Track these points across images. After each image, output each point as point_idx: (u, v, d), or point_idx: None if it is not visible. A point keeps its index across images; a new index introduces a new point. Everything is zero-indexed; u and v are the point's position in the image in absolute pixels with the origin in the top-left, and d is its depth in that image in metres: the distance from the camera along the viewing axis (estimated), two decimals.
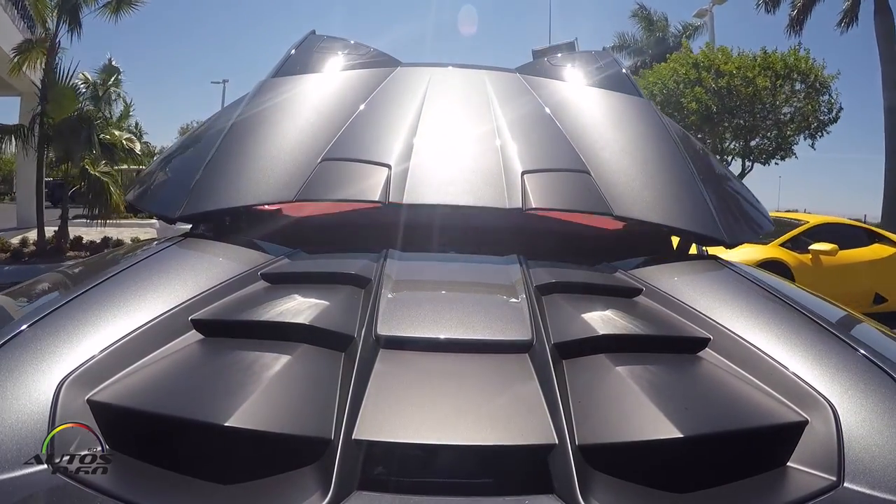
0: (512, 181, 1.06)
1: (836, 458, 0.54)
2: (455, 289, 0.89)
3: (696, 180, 1.16)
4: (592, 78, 1.50)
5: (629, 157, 1.19)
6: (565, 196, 1.08)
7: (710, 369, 0.66)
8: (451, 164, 1.13)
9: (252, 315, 0.69)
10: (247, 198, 1.05)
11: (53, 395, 0.54)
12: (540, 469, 0.50)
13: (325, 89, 1.34)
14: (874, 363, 0.65)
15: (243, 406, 0.51)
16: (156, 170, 1.40)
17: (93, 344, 0.62)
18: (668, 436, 0.50)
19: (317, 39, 1.59)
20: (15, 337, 0.61)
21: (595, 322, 0.70)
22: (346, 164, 1.08)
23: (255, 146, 1.14)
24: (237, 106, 1.32)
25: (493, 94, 1.35)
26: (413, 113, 1.23)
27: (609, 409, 0.56)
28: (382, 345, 0.62)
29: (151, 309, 0.70)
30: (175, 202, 1.08)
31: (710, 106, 11.60)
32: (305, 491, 0.47)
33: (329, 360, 0.62)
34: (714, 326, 0.74)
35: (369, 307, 0.70)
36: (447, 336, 0.64)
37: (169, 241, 1.02)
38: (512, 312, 0.72)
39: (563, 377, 0.61)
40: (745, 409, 0.59)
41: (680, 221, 1.09)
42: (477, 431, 0.51)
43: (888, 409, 0.58)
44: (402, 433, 0.50)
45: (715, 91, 11.62)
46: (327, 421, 0.52)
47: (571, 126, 1.24)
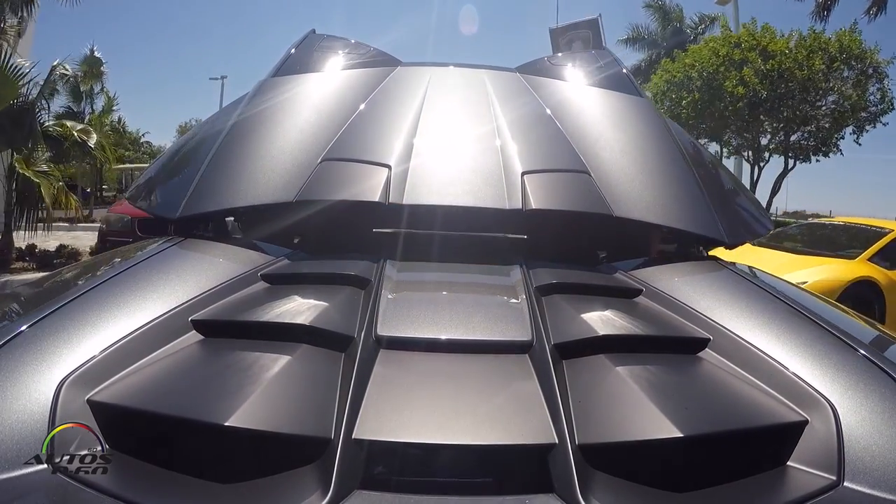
0: (512, 182, 1.06)
1: (836, 458, 0.54)
2: (455, 289, 0.89)
3: (697, 181, 1.16)
4: (593, 78, 1.50)
5: (629, 157, 1.19)
6: (565, 197, 1.08)
7: (709, 369, 0.66)
8: (451, 164, 1.13)
9: (252, 315, 0.69)
10: (247, 198, 1.05)
11: (53, 395, 0.54)
12: (540, 469, 0.50)
13: (325, 89, 1.34)
14: (874, 363, 0.65)
15: (243, 406, 0.51)
16: (155, 170, 1.40)
17: (93, 344, 0.62)
18: (667, 435, 0.50)
19: (317, 38, 1.59)
20: (15, 337, 0.61)
21: (595, 322, 0.70)
22: (346, 165, 1.08)
23: (255, 146, 1.14)
24: (237, 106, 1.32)
25: (493, 94, 1.35)
26: (413, 113, 1.23)
27: (609, 408, 0.56)
28: (382, 345, 0.62)
29: (151, 309, 0.70)
30: (174, 202, 1.08)
31: (758, 91, 9.83)
32: (305, 490, 0.47)
33: (329, 360, 0.62)
34: (714, 327, 0.74)
35: (369, 308, 0.70)
36: (447, 336, 0.64)
37: (169, 241, 1.02)
38: (512, 313, 0.72)
39: (563, 377, 0.61)
40: (745, 408, 0.59)
41: (680, 222, 1.09)
42: (477, 431, 0.51)
43: (888, 408, 0.58)
44: (402, 433, 0.50)
45: (764, 74, 9.85)
46: (327, 421, 0.52)
47: (572, 126, 1.24)
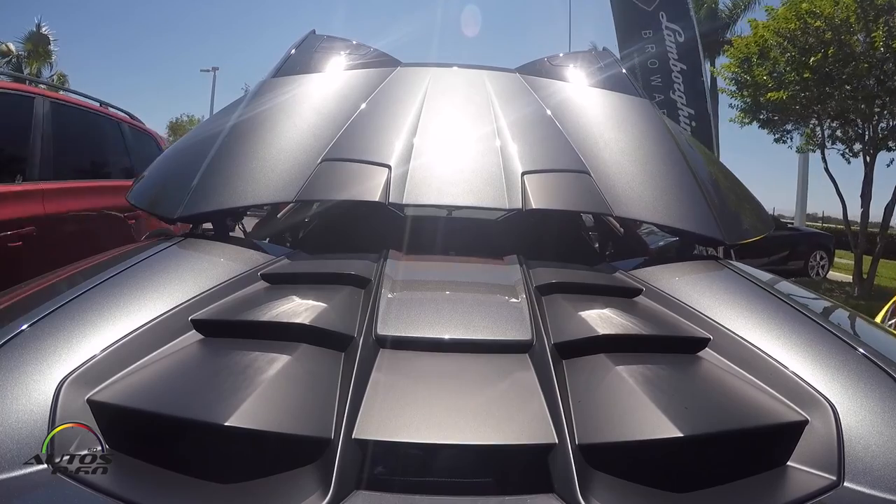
0: (512, 182, 1.06)
1: (836, 458, 0.54)
2: (455, 289, 0.89)
3: (696, 180, 1.16)
4: (593, 78, 1.50)
5: (629, 157, 1.19)
6: (565, 197, 1.09)
7: (709, 369, 0.66)
8: (452, 164, 1.13)
9: (252, 315, 0.69)
10: (247, 198, 1.05)
11: (53, 395, 0.54)
12: (540, 469, 0.50)
13: (326, 89, 1.34)
14: (874, 363, 0.65)
15: (243, 406, 0.50)
16: (156, 169, 1.40)
17: (93, 344, 0.62)
18: (667, 435, 0.50)
19: (317, 39, 1.59)
20: (15, 337, 0.61)
21: (595, 322, 0.70)
22: (347, 165, 1.08)
23: (255, 146, 1.14)
24: (237, 106, 1.32)
25: (493, 95, 1.36)
26: (413, 113, 1.24)
27: (609, 408, 0.56)
28: (382, 345, 0.62)
29: (151, 309, 0.70)
30: (175, 202, 1.08)
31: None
32: (305, 490, 0.47)
33: (329, 359, 0.62)
34: (714, 326, 0.74)
35: (369, 307, 0.70)
36: (447, 336, 0.64)
37: (169, 241, 1.02)
38: (512, 312, 0.72)
39: (563, 377, 0.61)
40: (745, 408, 0.59)
41: (680, 222, 1.09)
42: (477, 431, 0.51)
43: (888, 408, 0.58)
44: (402, 433, 0.50)
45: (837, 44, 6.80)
46: (327, 420, 0.52)
47: (572, 126, 1.24)
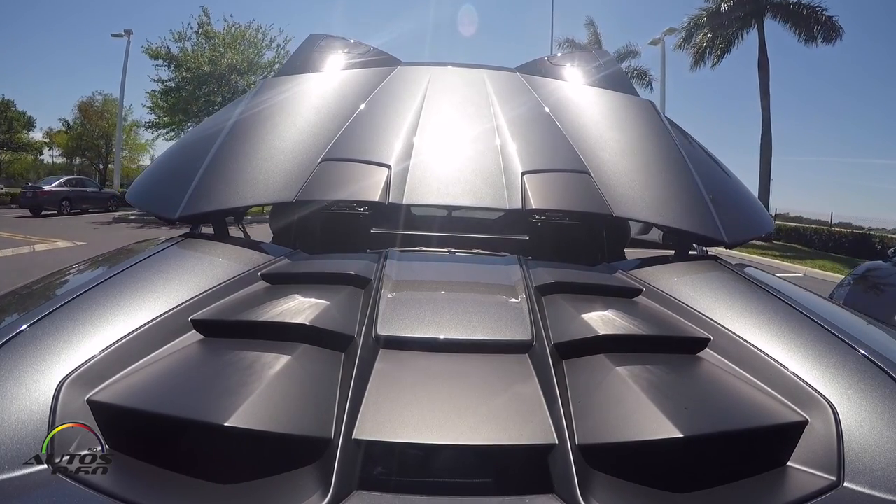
0: (512, 181, 1.06)
1: (836, 458, 0.54)
2: (455, 289, 0.89)
3: (696, 180, 1.16)
4: (592, 77, 1.50)
5: (629, 157, 1.19)
6: (565, 196, 1.08)
7: (709, 369, 0.66)
8: (451, 164, 1.13)
9: (252, 315, 0.69)
10: (247, 198, 1.05)
11: (53, 395, 0.54)
12: (540, 469, 0.50)
13: (325, 88, 1.34)
14: (874, 363, 0.65)
15: (243, 406, 0.50)
16: (155, 169, 1.40)
17: (93, 344, 0.62)
18: (667, 436, 0.50)
19: (317, 38, 1.59)
20: (15, 337, 0.61)
21: (595, 322, 0.70)
22: (346, 165, 1.08)
23: (255, 146, 1.14)
24: (237, 105, 1.32)
25: (492, 94, 1.36)
26: (413, 112, 1.23)
27: (609, 409, 0.56)
28: (382, 345, 0.62)
29: (151, 309, 0.70)
30: (174, 202, 1.08)
31: None
32: (305, 491, 0.47)
33: (329, 360, 0.62)
34: (714, 326, 0.74)
35: (369, 307, 0.70)
36: (447, 336, 0.64)
37: (169, 241, 1.02)
38: (512, 313, 0.72)
39: (563, 377, 0.61)
40: (745, 409, 0.59)
41: (680, 222, 1.09)
42: (477, 431, 0.51)
43: (888, 409, 0.58)
44: (402, 433, 0.50)
45: None
46: (327, 421, 0.52)
47: (571, 126, 1.24)
